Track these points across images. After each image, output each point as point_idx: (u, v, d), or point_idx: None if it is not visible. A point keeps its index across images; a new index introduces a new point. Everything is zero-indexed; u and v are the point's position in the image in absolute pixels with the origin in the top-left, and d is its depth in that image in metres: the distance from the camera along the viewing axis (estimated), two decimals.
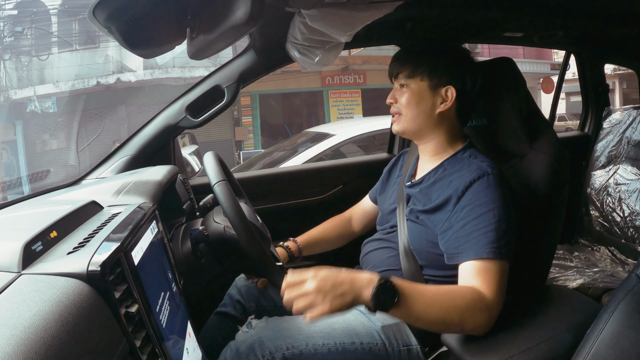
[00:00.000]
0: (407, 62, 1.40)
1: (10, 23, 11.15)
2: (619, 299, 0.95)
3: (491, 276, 1.16)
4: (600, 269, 2.30)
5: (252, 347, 1.21)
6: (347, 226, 1.75)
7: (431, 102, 1.37)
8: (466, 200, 1.23)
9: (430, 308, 1.09)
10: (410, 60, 1.40)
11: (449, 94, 1.36)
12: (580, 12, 1.84)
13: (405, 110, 1.40)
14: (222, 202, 1.21)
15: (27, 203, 1.26)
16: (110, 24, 1.13)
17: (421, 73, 1.37)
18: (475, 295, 1.13)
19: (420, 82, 1.38)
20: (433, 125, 1.39)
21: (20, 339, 0.52)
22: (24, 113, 11.47)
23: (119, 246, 0.75)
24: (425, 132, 1.41)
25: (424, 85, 1.37)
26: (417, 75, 1.38)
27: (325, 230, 1.72)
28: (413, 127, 1.40)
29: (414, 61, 1.39)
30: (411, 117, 1.39)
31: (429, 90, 1.37)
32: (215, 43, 1.19)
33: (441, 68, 1.37)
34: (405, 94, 1.39)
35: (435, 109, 1.37)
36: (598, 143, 2.65)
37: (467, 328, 1.13)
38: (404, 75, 1.40)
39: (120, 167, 1.77)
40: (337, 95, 14.65)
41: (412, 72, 1.39)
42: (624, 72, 14.67)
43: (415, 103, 1.38)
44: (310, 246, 1.67)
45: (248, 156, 9.08)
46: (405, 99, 1.39)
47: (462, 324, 1.12)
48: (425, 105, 1.38)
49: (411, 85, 1.39)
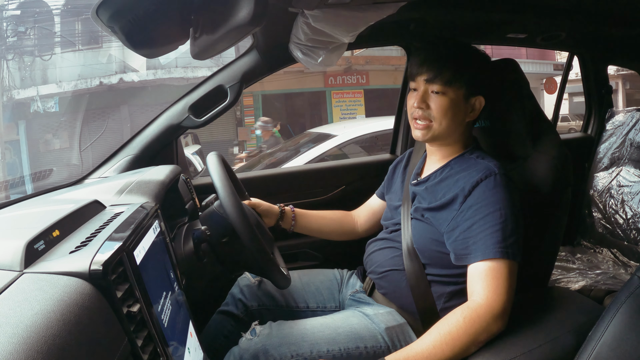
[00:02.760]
0: (445, 68, 1.30)
1: (13, 23, 11.17)
2: (622, 301, 0.95)
3: (496, 277, 1.16)
4: (603, 271, 2.30)
5: (256, 355, 1.21)
6: (350, 221, 1.73)
7: (464, 112, 1.34)
8: (473, 199, 1.23)
9: (430, 353, 1.11)
10: (449, 65, 1.30)
11: (477, 103, 1.34)
12: (584, 13, 1.83)
13: (440, 119, 1.32)
14: (223, 203, 1.22)
15: (29, 202, 1.26)
16: (114, 23, 1.13)
17: (460, 81, 1.30)
18: (468, 311, 1.14)
19: (457, 91, 1.31)
20: (459, 133, 1.37)
21: (22, 338, 0.52)
22: (27, 113, 11.48)
23: (121, 245, 0.75)
24: (450, 139, 1.38)
25: (461, 94, 1.32)
26: (456, 83, 1.30)
27: (326, 214, 1.71)
28: (444, 136, 1.35)
29: (454, 67, 1.30)
30: (445, 126, 1.33)
31: (464, 100, 1.33)
32: (218, 43, 1.20)
33: (480, 78, 1.34)
34: (441, 102, 1.31)
35: (466, 118, 1.35)
36: (601, 145, 2.64)
37: (483, 338, 1.14)
38: (441, 81, 1.30)
39: (122, 166, 1.77)
40: (340, 95, 14.65)
41: (451, 80, 1.30)
42: (627, 72, 14.63)
43: (453, 113, 1.32)
44: (305, 221, 1.65)
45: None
46: (442, 107, 1.31)
47: (476, 339, 1.13)
48: (461, 116, 1.34)
49: (449, 94, 1.31)
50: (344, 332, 1.28)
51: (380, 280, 1.43)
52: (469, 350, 1.14)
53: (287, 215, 1.62)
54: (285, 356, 1.21)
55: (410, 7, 1.43)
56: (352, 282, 1.56)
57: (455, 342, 1.11)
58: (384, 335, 1.29)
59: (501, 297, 1.15)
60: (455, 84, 1.30)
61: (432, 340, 1.12)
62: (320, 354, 1.23)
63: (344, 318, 1.34)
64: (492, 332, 1.15)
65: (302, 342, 1.24)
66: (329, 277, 1.60)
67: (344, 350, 1.25)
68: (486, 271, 1.17)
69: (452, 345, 1.11)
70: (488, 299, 1.14)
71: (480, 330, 1.13)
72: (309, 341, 1.25)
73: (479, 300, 1.15)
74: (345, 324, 1.30)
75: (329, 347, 1.24)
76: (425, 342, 1.13)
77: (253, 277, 1.58)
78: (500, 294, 1.15)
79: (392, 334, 1.30)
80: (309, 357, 1.22)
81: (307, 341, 1.25)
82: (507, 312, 1.15)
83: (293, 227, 1.63)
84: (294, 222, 1.63)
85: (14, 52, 11.34)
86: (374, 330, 1.30)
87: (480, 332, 1.13)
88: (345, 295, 1.53)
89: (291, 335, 1.26)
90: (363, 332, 1.29)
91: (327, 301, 1.54)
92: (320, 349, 1.24)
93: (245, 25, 1.06)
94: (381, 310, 1.38)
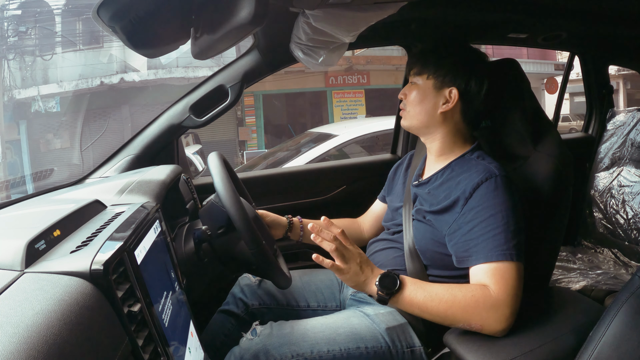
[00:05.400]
0: (417, 60, 1.42)
1: (14, 23, 11.18)
2: (622, 301, 0.95)
3: (502, 278, 1.16)
4: (604, 271, 2.30)
5: (257, 355, 1.21)
6: (357, 227, 1.73)
7: (434, 102, 1.38)
8: (474, 202, 1.23)
9: (431, 300, 1.17)
10: (420, 58, 1.42)
11: (452, 95, 1.36)
12: (585, 13, 1.83)
13: (410, 107, 1.42)
14: (220, 193, 1.23)
15: (30, 202, 1.26)
16: (115, 23, 1.13)
17: (427, 72, 1.39)
18: (480, 292, 1.15)
19: (426, 81, 1.39)
20: (436, 124, 1.40)
21: (23, 337, 0.52)
22: (28, 113, 11.49)
23: (122, 245, 0.75)
24: (428, 130, 1.42)
25: (429, 84, 1.39)
26: (424, 74, 1.40)
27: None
28: (415, 123, 1.42)
29: (422, 59, 1.41)
30: (414, 114, 1.41)
31: (433, 90, 1.38)
32: (219, 43, 1.20)
33: (445, 69, 1.37)
34: (413, 91, 1.41)
35: (437, 108, 1.38)
36: (602, 145, 2.64)
37: (475, 325, 1.15)
38: (414, 72, 1.43)
39: (123, 166, 1.77)
40: (341, 95, 14.64)
41: (420, 70, 1.41)
42: (628, 72, 14.62)
43: (419, 100, 1.40)
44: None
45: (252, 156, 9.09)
46: (412, 96, 1.42)
47: (467, 319, 1.15)
48: (428, 104, 1.39)
49: (418, 83, 1.41)
50: (344, 332, 1.28)
51: None
52: (455, 322, 1.18)
53: (295, 226, 1.61)
54: (285, 356, 1.21)
55: (411, 7, 1.44)
56: None
57: (452, 306, 1.16)
58: (384, 336, 1.29)
59: (510, 298, 1.15)
60: (424, 74, 1.40)
61: (438, 290, 1.19)
62: (320, 354, 1.23)
63: (345, 318, 1.34)
64: (490, 327, 1.15)
65: (302, 342, 1.24)
66: (330, 276, 1.60)
67: (344, 351, 1.25)
68: (489, 272, 1.17)
69: (448, 306, 1.16)
70: (498, 295, 1.15)
71: (477, 316, 1.14)
72: (309, 341, 1.25)
73: (492, 292, 1.15)
74: (346, 324, 1.30)
75: (330, 347, 1.24)
76: (433, 289, 1.20)
77: (254, 277, 1.58)
78: (509, 294, 1.15)
79: (392, 334, 1.30)
80: (310, 357, 1.22)
81: (307, 341, 1.25)
82: (513, 316, 1.15)
83: (302, 238, 1.62)
84: (302, 233, 1.62)
85: (15, 51, 11.35)
86: (374, 330, 1.30)
87: (475, 316, 1.14)
88: (346, 295, 1.53)
89: (292, 335, 1.26)
90: (364, 332, 1.29)
91: (327, 300, 1.54)
92: (320, 349, 1.24)
93: (246, 25, 1.06)
94: (382, 310, 1.38)
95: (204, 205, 1.37)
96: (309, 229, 1.24)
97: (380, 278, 1.19)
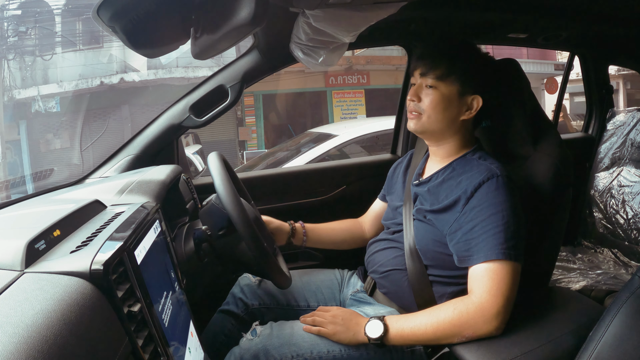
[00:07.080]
0: (440, 63, 1.33)
1: (14, 23, 11.18)
2: (622, 301, 0.95)
3: (492, 277, 1.17)
4: (604, 271, 2.30)
5: (257, 355, 1.21)
6: (359, 228, 1.73)
7: (457, 109, 1.34)
8: (475, 201, 1.23)
9: (418, 329, 1.20)
10: (444, 61, 1.33)
11: (475, 103, 1.34)
12: (584, 13, 1.83)
13: (429, 112, 1.34)
14: (220, 194, 1.23)
15: (30, 202, 1.26)
16: (115, 23, 1.13)
17: (453, 77, 1.32)
18: (461, 304, 1.18)
19: (450, 87, 1.32)
20: (453, 131, 1.37)
21: (23, 337, 0.52)
22: (28, 113, 11.49)
23: (122, 245, 0.75)
24: (443, 136, 1.38)
25: (454, 90, 1.32)
26: (449, 79, 1.32)
27: (335, 226, 1.70)
28: (433, 130, 1.36)
29: (448, 63, 1.32)
30: (434, 120, 1.34)
31: (457, 97, 1.33)
32: (219, 43, 1.20)
33: (474, 76, 1.33)
34: (432, 96, 1.33)
35: (459, 116, 1.35)
36: (602, 145, 2.64)
37: (468, 334, 1.17)
38: (434, 75, 1.33)
39: (123, 166, 1.77)
40: (341, 95, 14.62)
41: (444, 75, 1.32)
42: (628, 72, 14.61)
43: (443, 108, 1.33)
44: (316, 236, 1.64)
45: (251, 156, 9.09)
46: (432, 101, 1.33)
47: (459, 332, 1.17)
48: (452, 112, 1.34)
49: (440, 88, 1.32)
50: None
51: (382, 280, 1.43)
52: (451, 339, 1.19)
53: (298, 232, 1.61)
54: (285, 356, 1.21)
55: (411, 7, 1.43)
56: (352, 281, 1.57)
57: (439, 327, 1.18)
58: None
59: (496, 298, 1.15)
60: (448, 79, 1.32)
61: (422, 318, 1.21)
62: (320, 354, 1.23)
63: None
64: (482, 331, 1.16)
65: (302, 343, 1.24)
66: (330, 276, 1.60)
67: (344, 351, 1.25)
68: (485, 271, 1.18)
69: (436, 328, 1.18)
70: (481, 299, 1.16)
71: (466, 326, 1.16)
72: (309, 341, 1.25)
73: (473, 298, 1.17)
74: None
75: (330, 348, 1.24)
76: (417, 318, 1.22)
77: (254, 277, 1.58)
78: (495, 295, 1.15)
79: None
80: (310, 357, 1.22)
81: (307, 341, 1.25)
82: (502, 313, 1.16)
83: (305, 243, 1.62)
84: (306, 238, 1.62)
85: (15, 51, 11.34)
86: None
87: (465, 327, 1.16)
88: (346, 294, 1.53)
89: (292, 336, 1.26)
90: None
91: (327, 300, 1.54)
92: (320, 350, 1.24)
93: (246, 25, 1.06)
94: (382, 310, 1.38)
95: (204, 206, 1.37)
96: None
97: (366, 327, 1.23)
